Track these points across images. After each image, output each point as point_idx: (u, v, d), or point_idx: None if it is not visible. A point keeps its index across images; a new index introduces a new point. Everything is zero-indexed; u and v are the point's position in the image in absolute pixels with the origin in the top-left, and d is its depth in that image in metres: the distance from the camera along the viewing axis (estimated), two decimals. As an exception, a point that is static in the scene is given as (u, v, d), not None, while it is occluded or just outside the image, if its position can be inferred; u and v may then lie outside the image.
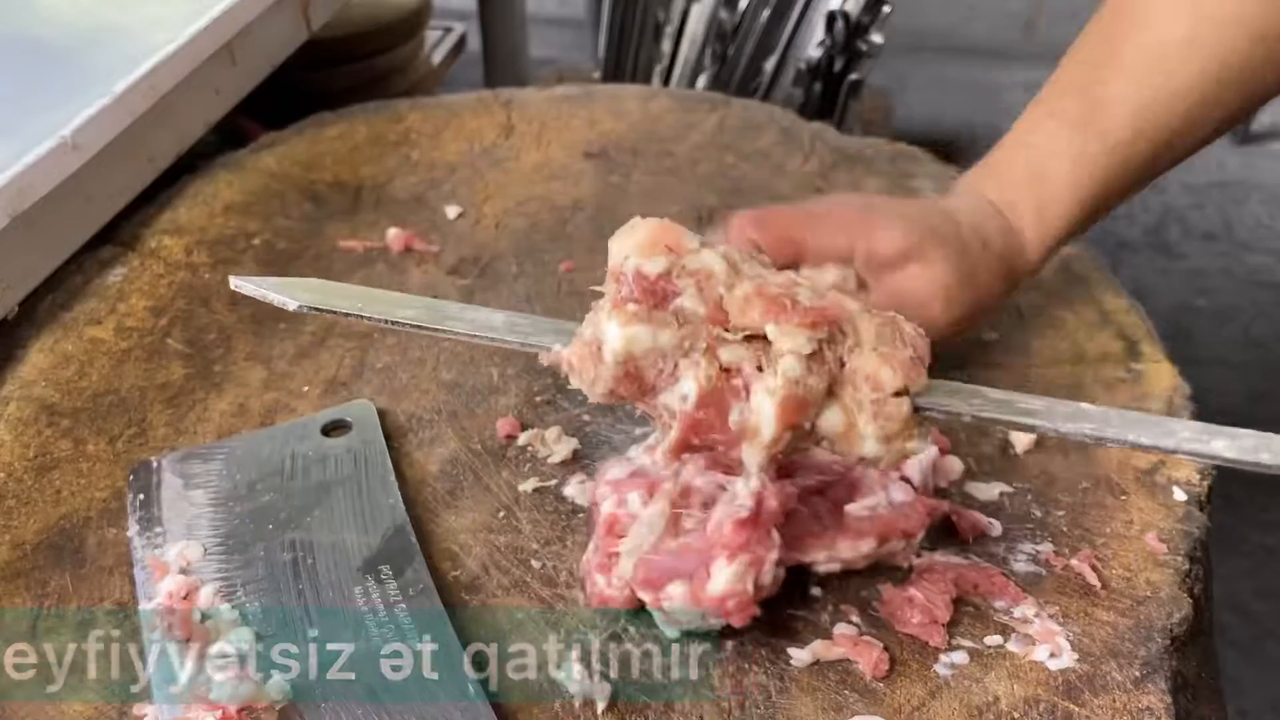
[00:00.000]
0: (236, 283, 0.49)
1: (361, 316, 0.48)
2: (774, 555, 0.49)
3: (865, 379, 0.44)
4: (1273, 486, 1.89)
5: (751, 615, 0.49)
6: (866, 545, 0.52)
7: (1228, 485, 0.60)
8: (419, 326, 0.48)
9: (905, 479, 0.55)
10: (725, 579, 0.48)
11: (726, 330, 0.43)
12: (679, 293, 0.43)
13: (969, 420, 0.46)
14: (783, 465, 0.53)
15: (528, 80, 1.78)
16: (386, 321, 0.48)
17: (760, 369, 0.43)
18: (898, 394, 0.44)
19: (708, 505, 0.50)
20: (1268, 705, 1.47)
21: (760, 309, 0.43)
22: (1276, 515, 1.67)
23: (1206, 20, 0.60)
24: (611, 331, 0.43)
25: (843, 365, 0.44)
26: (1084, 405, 0.45)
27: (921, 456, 0.56)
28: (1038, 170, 0.62)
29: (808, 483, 0.54)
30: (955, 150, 2.36)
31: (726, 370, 0.43)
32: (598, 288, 0.45)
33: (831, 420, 0.44)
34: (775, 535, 0.49)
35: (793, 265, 0.55)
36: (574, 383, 0.46)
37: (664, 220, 0.45)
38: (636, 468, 0.52)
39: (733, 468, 0.50)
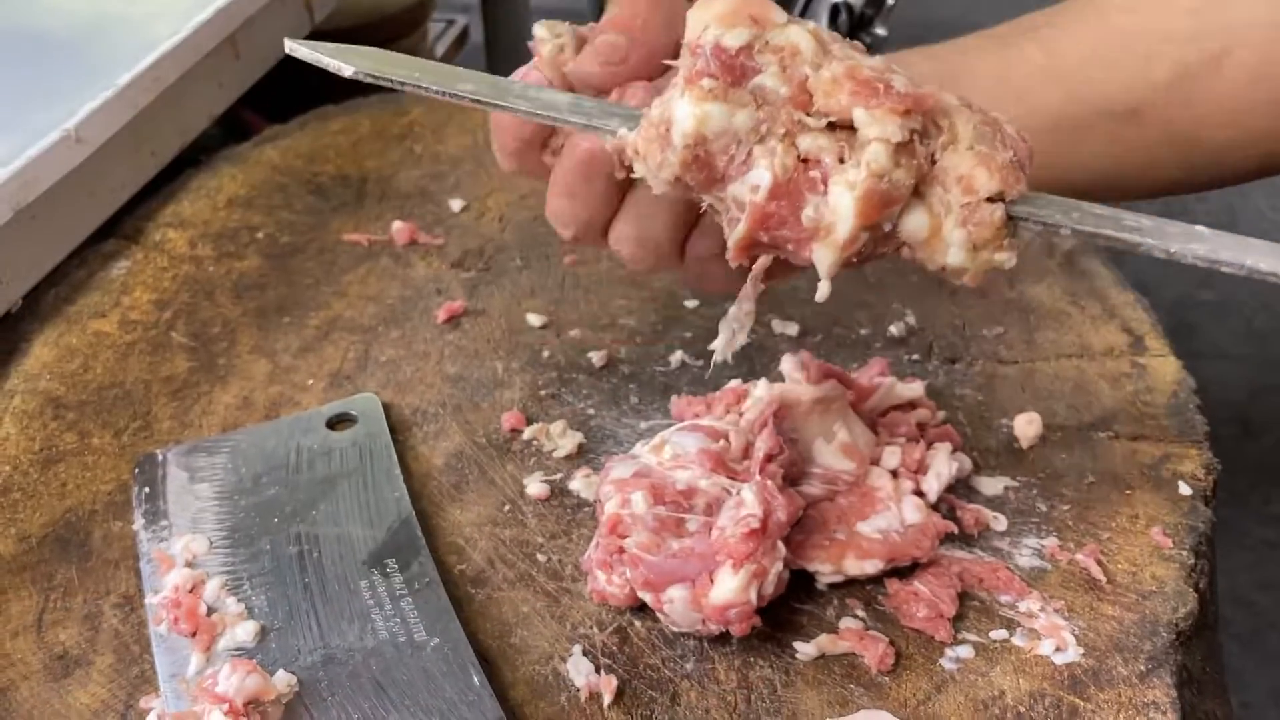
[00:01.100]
0: (291, 46, 0.46)
1: (419, 87, 0.45)
2: (778, 567, 0.49)
3: (957, 180, 0.40)
4: (1276, 480, 1.89)
5: (752, 625, 0.49)
6: (872, 566, 0.52)
7: (1231, 479, 0.60)
8: (479, 101, 0.45)
9: (919, 493, 0.55)
10: (729, 589, 0.48)
11: (809, 115, 0.39)
12: (760, 70, 0.39)
13: (1067, 233, 0.41)
14: (790, 474, 0.53)
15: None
16: (444, 94, 0.44)
17: (842, 161, 0.39)
18: (992, 199, 0.40)
19: (712, 508, 0.50)
20: (1270, 697, 1.47)
21: (849, 91, 0.39)
22: (1278, 509, 1.67)
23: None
24: (683, 109, 0.39)
25: (933, 163, 0.40)
26: (1198, 228, 0.41)
27: (941, 473, 0.56)
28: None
29: (816, 491, 0.54)
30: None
31: (805, 160, 0.40)
32: (671, 62, 0.41)
33: (915, 223, 0.40)
34: (781, 547, 0.49)
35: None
36: (638, 170, 0.42)
37: None
38: (641, 467, 0.52)
39: (739, 474, 0.50)
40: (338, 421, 0.64)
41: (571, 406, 0.65)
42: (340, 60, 0.45)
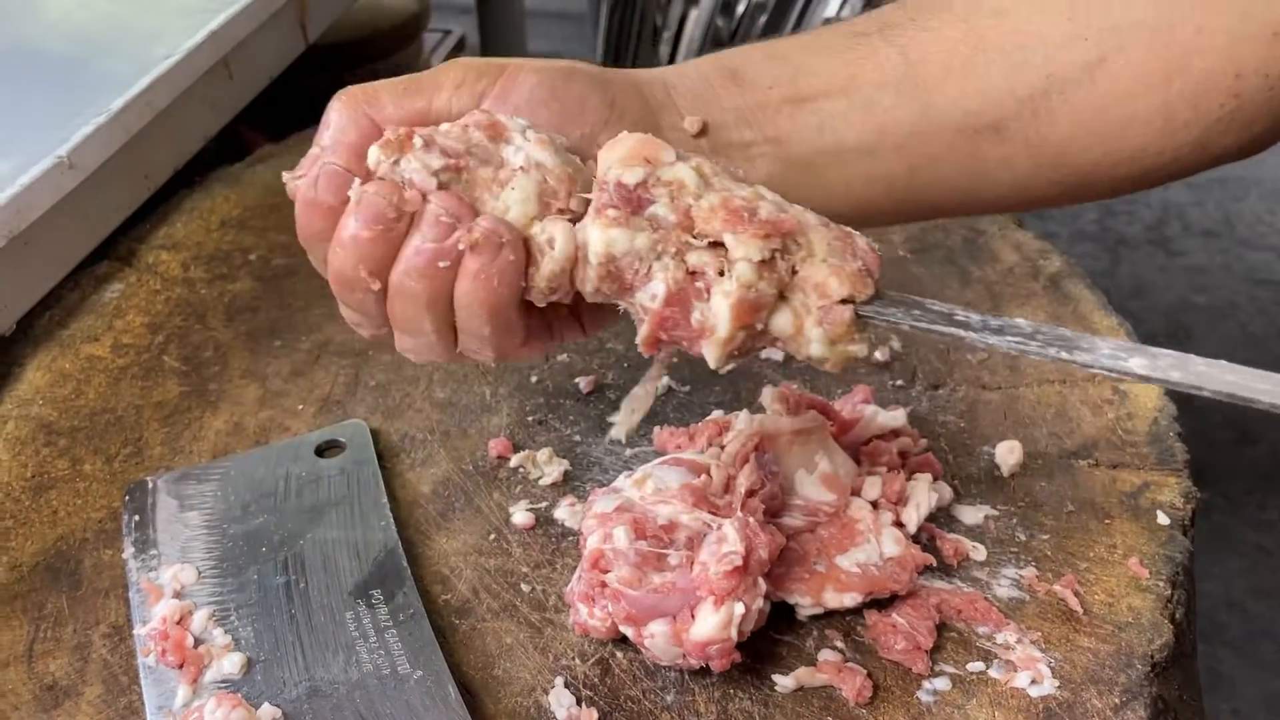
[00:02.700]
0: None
1: None
2: (759, 603, 0.50)
3: (814, 287, 0.47)
4: (1270, 486, 1.88)
5: (732, 661, 0.50)
6: (851, 599, 0.53)
7: (1227, 485, 0.60)
8: None
9: (899, 524, 0.56)
10: (710, 625, 0.49)
11: (693, 237, 0.47)
12: (654, 200, 0.47)
13: (907, 329, 0.48)
14: (771, 507, 0.54)
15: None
16: None
17: (721, 273, 0.46)
18: (844, 301, 0.47)
19: (693, 543, 0.51)
20: (1262, 704, 1.47)
21: (721, 219, 0.46)
22: (1273, 515, 1.67)
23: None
24: (595, 234, 0.47)
25: (794, 273, 0.47)
26: (1017, 320, 0.47)
27: (921, 504, 0.57)
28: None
29: (796, 522, 0.54)
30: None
31: (692, 273, 0.47)
32: (586, 195, 0.48)
33: (781, 322, 0.47)
34: (762, 583, 0.50)
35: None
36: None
37: (646, 135, 0.48)
38: (623, 501, 0.53)
39: (720, 509, 0.51)
40: (326, 448, 0.64)
41: (558, 433, 0.66)
42: None
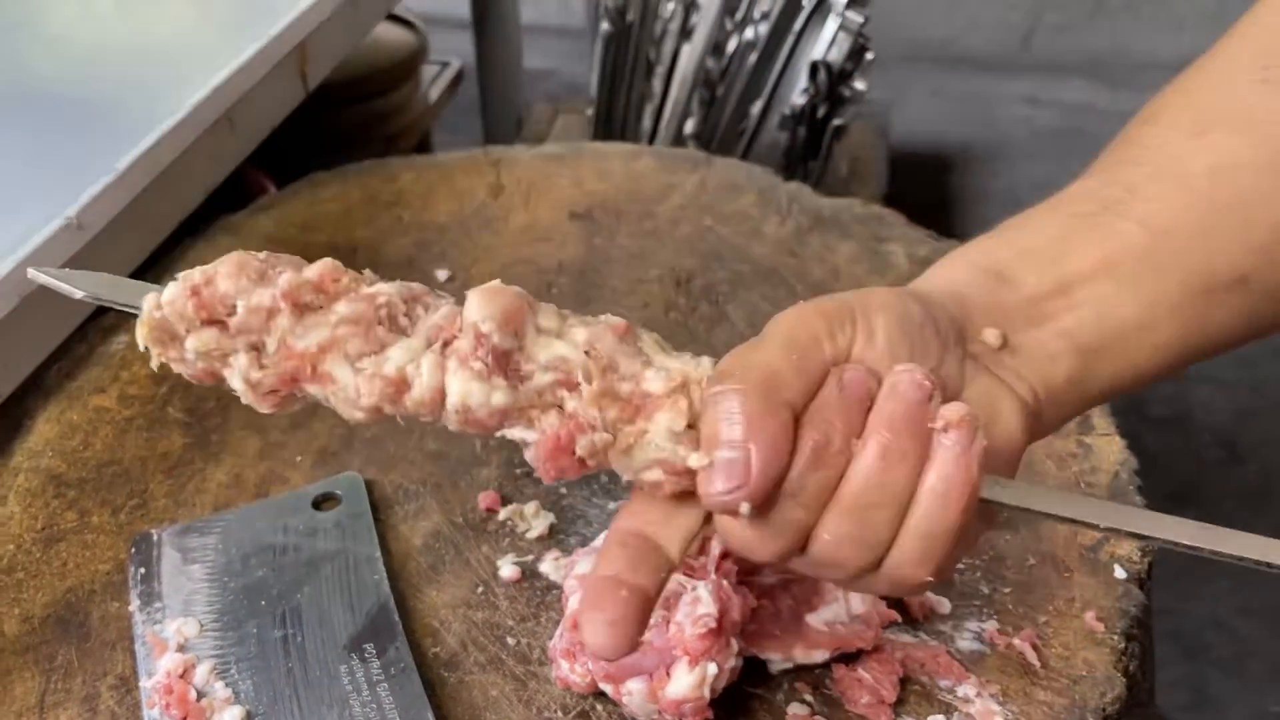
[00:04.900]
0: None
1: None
2: (732, 662, 0.52)
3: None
4: (1259, 505, 1.88)
5: (705, 718, 0.52)
6: (820, 655, 0.56)
7: (1216, 504, 0.62)
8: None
9: None
10: (684, 685, 0.51)
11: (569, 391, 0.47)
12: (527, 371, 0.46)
13: None
14: (744, 565, 0.56)
15: (524, 98, 1.81)
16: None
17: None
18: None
19: (670, 603, 0.54)
20: (1248, 724, 1.50)
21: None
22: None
23: None
24: (452, 385, 0.45)
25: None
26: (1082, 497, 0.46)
27: None
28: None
29: (769, 580, 0.57)
30: (952, 164, 2.39)
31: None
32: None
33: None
34: (734, 644, 0.53)
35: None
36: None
37: (517, 292, 0.47)
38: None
39: (695, 570, 0.54)
40: (323, 501, 0.67)
41: (544, 486, 0.69)
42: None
